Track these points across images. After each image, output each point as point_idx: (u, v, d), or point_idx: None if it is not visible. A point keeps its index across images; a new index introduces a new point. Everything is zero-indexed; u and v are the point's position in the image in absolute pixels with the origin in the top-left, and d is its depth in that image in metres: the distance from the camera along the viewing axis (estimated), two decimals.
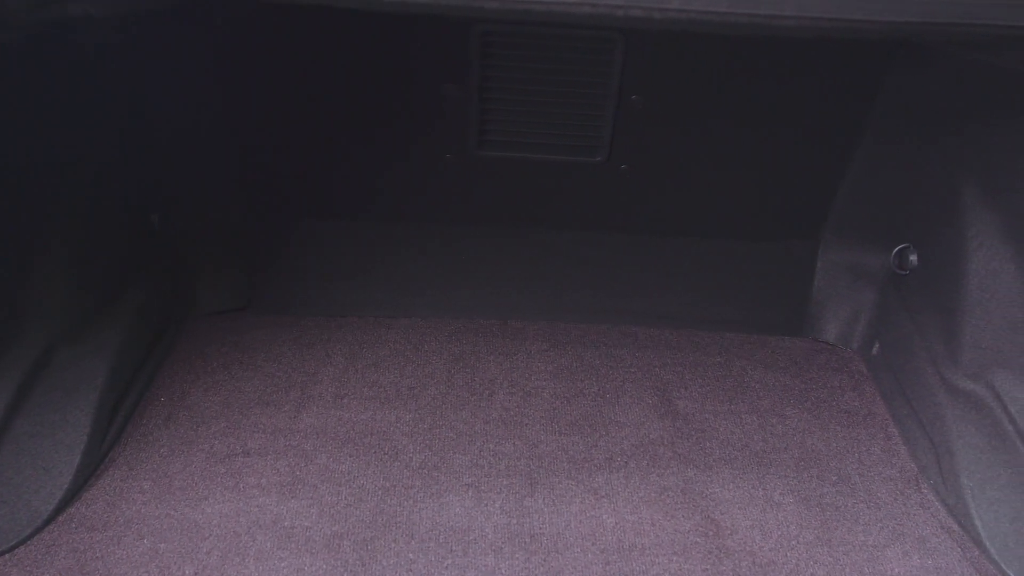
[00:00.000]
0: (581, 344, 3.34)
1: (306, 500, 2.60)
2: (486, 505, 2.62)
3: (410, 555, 2.44)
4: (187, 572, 2.37)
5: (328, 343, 3.27)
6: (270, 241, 3.45)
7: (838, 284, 3.49)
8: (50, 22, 2.12)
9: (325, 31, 2.89)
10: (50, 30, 2.34)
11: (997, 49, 2.32)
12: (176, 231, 3.31)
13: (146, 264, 3.16)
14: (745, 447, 2.92)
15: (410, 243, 3.46)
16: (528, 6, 1.72)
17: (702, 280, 3.52)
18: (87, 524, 2.50)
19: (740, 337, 3.46)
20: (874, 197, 3.31)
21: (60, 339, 2.76)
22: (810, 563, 2.52)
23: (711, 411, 3.06)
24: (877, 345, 3.35)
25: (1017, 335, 2.75)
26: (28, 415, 2.62)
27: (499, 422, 2.94)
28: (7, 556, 2.39)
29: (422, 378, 3.12)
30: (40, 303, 2.73)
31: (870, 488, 2.81)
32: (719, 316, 3.50)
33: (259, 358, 3.18)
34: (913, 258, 3.21)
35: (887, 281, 3.39)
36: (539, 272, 3.49)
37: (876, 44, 2.90)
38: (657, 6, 1.73)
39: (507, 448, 2.83)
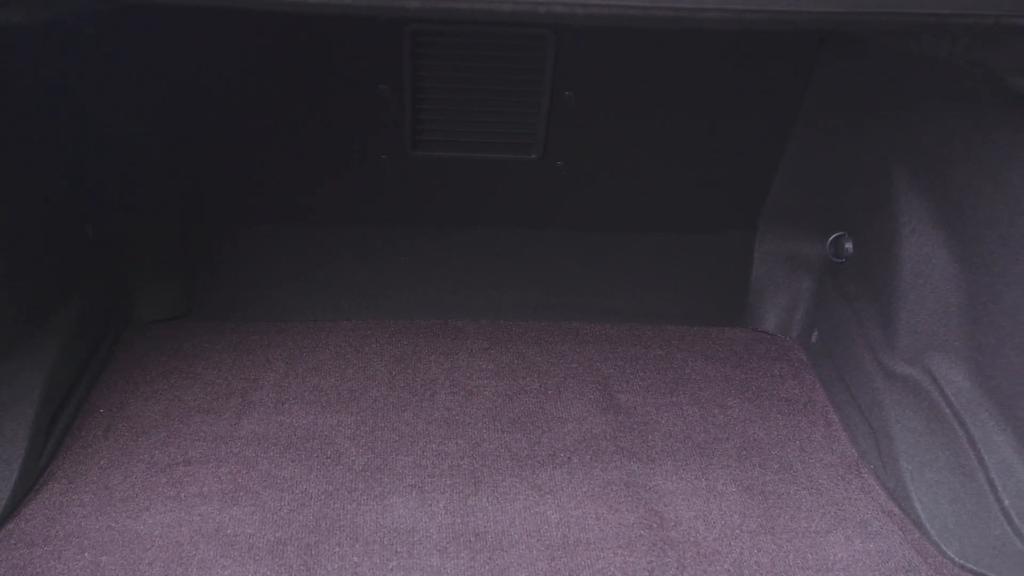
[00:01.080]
0: (522, 341, 3.35)
1: (248, 507, 2.58)
2: (430, 505, 2.61)
3: (354, 558, 2.43)
4: None
5: (268, 348, 3.25)
6: (208, 248, 3.42)
7: (776, 274, 3.52)
8: None
9: (256, 35, 2.87)
10: None
11: (919, 37, 2.34)
12: (112, 240, 3.28)
13: (81, 274, 3.12)
14: (687, 438, 2.93)
15: (349, 246, 3.45)
16: (450, 4, 1.72)
17: (642, 274, 3.53)
18: (27, 539, 2.47)
19: (681, 329, 3.48)
20: (809, 186, 3.34)
21: None
22: (754, 551, 2.53)
23: (653, 404, 3.07)
24: (816, 333, 3.38)
25: (951, 319, 2.78)
26: None
27: (441, 422, 2.93)
28: None
29: (363, 380, 3.11)
30: None
31: (811, 475, 2.83)
32: (659, 309, 3.51)
33: (199, 366, 3.15)
34: (849, 246, 3.24)
35: (824, 269, 3.41)
36: (479, 271, 3.48)
37: (806, 34, 2.93)
38: (579, 1, 1.73)
39: (450, 448, 2.83)
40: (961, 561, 2.54)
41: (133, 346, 3.23)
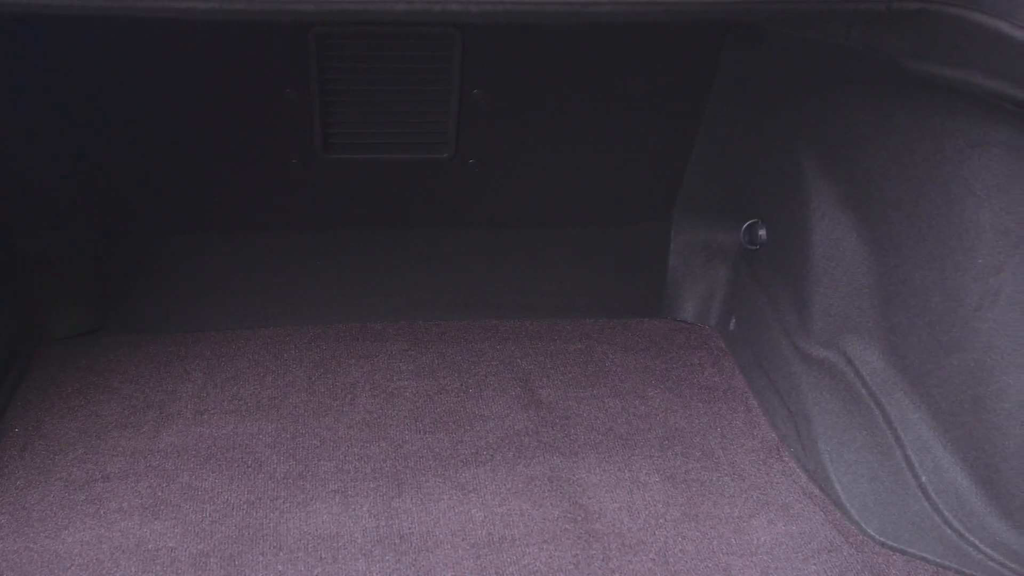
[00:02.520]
0: (442, 341, 3.34)
1: (169, 520, 2.55)
2: (354, 510, 2.60)
3: (279, 567, 2.42)
4: None
5: (186, 360, 3.21)
6: (121, 260, 3.38)
7: (692, 263, 3.55)
8: None
9: (160, 42, 2.84)
10: None
11: (815, 24, 2.38)
12: (21, 255, 3.22)
13: None
14: (609, 431, 2.94)
15: (264, 252, 3.42)
16: (344, 6, 1.71)
17: (559, 268, 3.54)
18: None
19: (600, 322, 3.49)
20: (721, 175, 3.37)
21: None
22: (678, 539, 2.55)
23: (574, 398, 3.08)
24: (733, 320, 3.41)
25: (863, 300, 2.82)
26: None
27: (363, 425, 2.92)
28: None
29: (283, 387, 3.08)
30: None
31: (733, 460, 2.86)
32: (578, 303, 3.53)
33: (115, 380, 3.10)
34: (762, 233, 3.27)
35: (739, 257, 3.45)
36: (396, 272, 3.47)
37: (709, 25, 2.95)
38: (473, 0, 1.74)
39: (372, 451, 2.82)
40: (881, 538, 2.58)
41: (47, 362, 3.18)
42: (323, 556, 2.45)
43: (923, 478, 2.63)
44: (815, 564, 2.50)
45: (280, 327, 3.38)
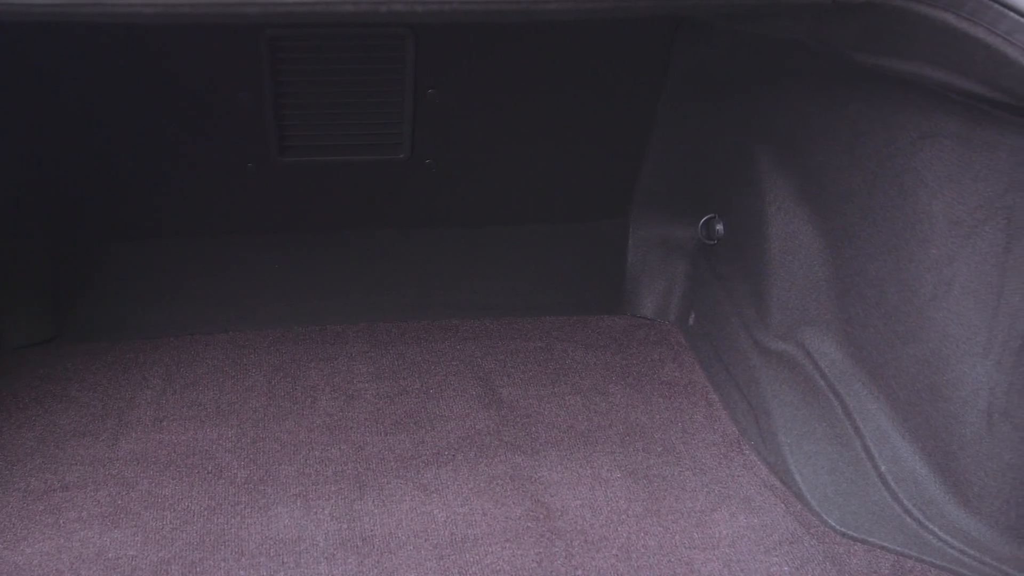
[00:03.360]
0: (402, 342, 3.34)
1: (130, 529, 2.53)
2: (315, 513, 2.59)
3: (240, 572, 2.40)
4: None
5: (144, 366, 3.19)
6: (76, 267, 3.35)
7: (651, 259, 3.56)
8: None
9: (112, 47, 2.82)
10: None
11: (764, 19, 2.39)
12: None
13: None
14: (570, 428, 2.95)
15: (222, 256, 3.40)
16: (290, 8, 1.71)
17: (519, 267, 3.54)
18: None
19: (560, 320, 3.50)
20: (678, 171, 3.38)
21: None
22: (641, 535, 2.56)
23: (535, 396, 3.08)
24: (693, 315, 3.42)
25: (820, 293, 2.84)
26: None
27: (323, 428, 2.91)
28: None
29: (242, 392, 3.07)
30: None
31: (695, 455, 2.87)
32: (538, 301, 3.53)
33: (72, 389, 3.08)
34: (719, 227, 3.29)
35: (697, 252, 3.46)
36: (355, 274, 3.46)
37: (661, 21, 2.96)
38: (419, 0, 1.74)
39: (333, 454, 2.81)
40: (842, 529, 2.60)
41: (3, 372, 3.15)
42: (285, 560, 2.44)
43: (882, 468, 2.65)
44: (777, 556, 2.52)
45: (239, 331, 3.37)
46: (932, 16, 1.98)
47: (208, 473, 2.73)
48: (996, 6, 1.91)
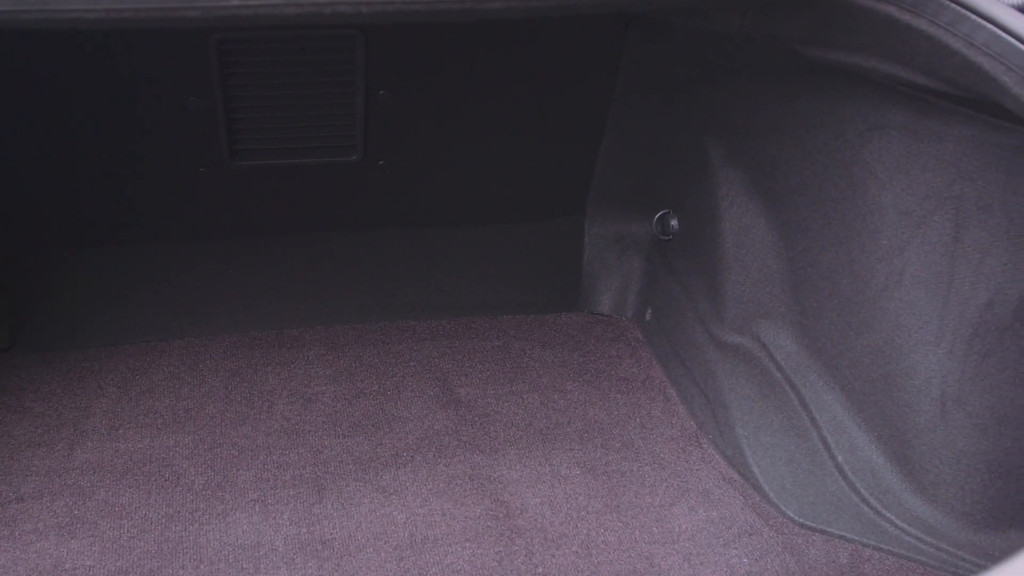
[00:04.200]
0: (359, 344, 3.32)
1: (87, 539, 2.51)
2: (274, 518, 2.58)
3: None
4: None
5: (99, 375, 3.16)
6: (29, 277, 3.32)
7: (607, 256, 3.56)
8: None
9: (62, 53, 2.79)
10: None
11: (709, 14, 2.40)
12: None
13: None
14: (529, 426, 2.95)
15: (176, 263, 3.37)
16: (234, 11, 1.70)
17: (475, 266, 3.54)
18: None
19: (517, 319, 3.49)
20: (632, 167, 3.39)
21: None
22: (600, 531, 2.56)
23: (493, 395, 3.08)
24: (649, 311, 3.43)
25: (774, 286, 2.85)
26: None
27: (281, 433, 2.90)
28: None
29: (199, 398, 3.05)
30: None
31: (653, 450, 2.88)
32: (495, 300, 3.53)
33: (27, 399, 3.05)
34: (674, 223, 3.30)
35: (653, 248, 3.47)
36: (311, 277, 3.45)
37: (610, 18, 2.97)
38: (364, 0, 1.73)
39: (291, 458, 2.80)
40: (800, 520, 2.62)
41: None
42: (244, 566, 2.43)
43: (839, 458, 2.66)
44: (736, 548, 2.53)
45: (195, 337, 3.34)
46: (875, 8, 2.00)
47: (165, 480, 2.71)
48: None
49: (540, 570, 2.43)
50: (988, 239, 2.28)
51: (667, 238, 3.34)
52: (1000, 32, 1.82)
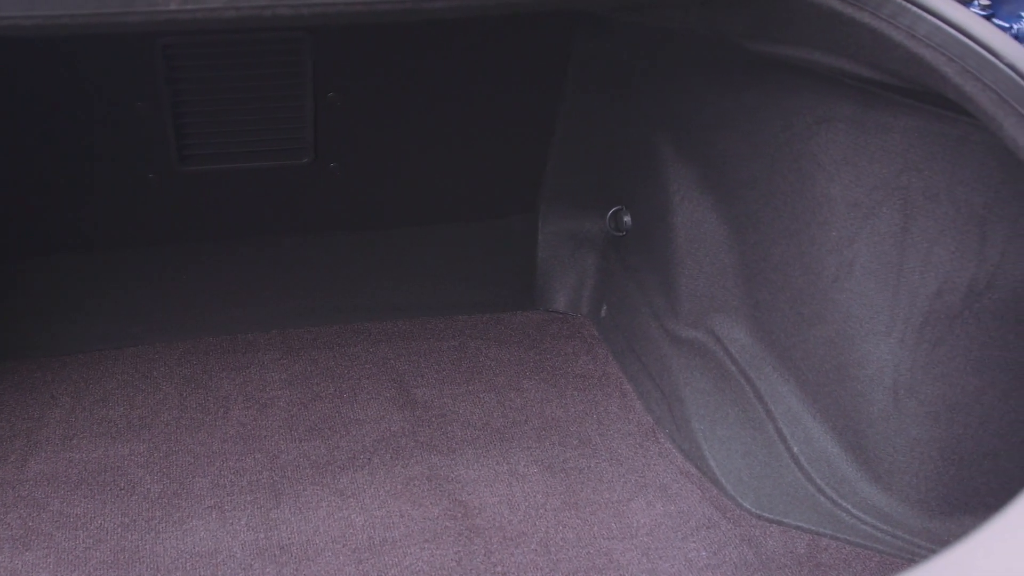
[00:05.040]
0: (314, 347, 3.31)
1: (41, 550, 2.49)
2: (231, 524, 2.56)
3: None
4: None
5: (52, 384, 3.13)
6: None
7: (561, 253, 3.56)
8: None
9: (6, 61, 2.76)
10: None
11: (653, 11, 2.41)
12: None
13: None
14: (486, 425, 2.95)
15: (128, 269, 3.35)
16: (172, 16, 1.69)
17: (429, 267, 3.53)
18: None
19: (473, 318, 3.49)
20: (584, 164, 3.39)
21: None
22: (559, 528, 2.57)
23: (449, 395, 3.08)
24: (605, 307, 3.44)
25: (727, 279, 2.87)
26: None
27: (237, 438, 2.88)
28: None
29: (153, 406, 3.02)
30: None
31: (610, 446, 2.88)
32: (450, 300, 3.52)
33: None
34: (627, 219, 3.31)
35: (607, 244, 3.48)
36: (265, 281, 3.43)
37: (558, 16, 2.97)
38: (304, 3, 1.72)
39: (248, 463, 2.78)
40: (758, 511, 2.63)
41: None
42: (202, 574, 2.41)
43: (795, 449, 2.68)
44: (694, 542, 2.54)
45: (148, 345, 3.31)
46: (817, 2, 2.01)
47: (120, 490, 2.69)
48: None
49: (499, 569, 2.43)
50: (936, 228, 2.30)
51: (621, 234, 3.35)
52: (941, 23, 1.84)
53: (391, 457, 2.81)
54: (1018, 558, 1.07)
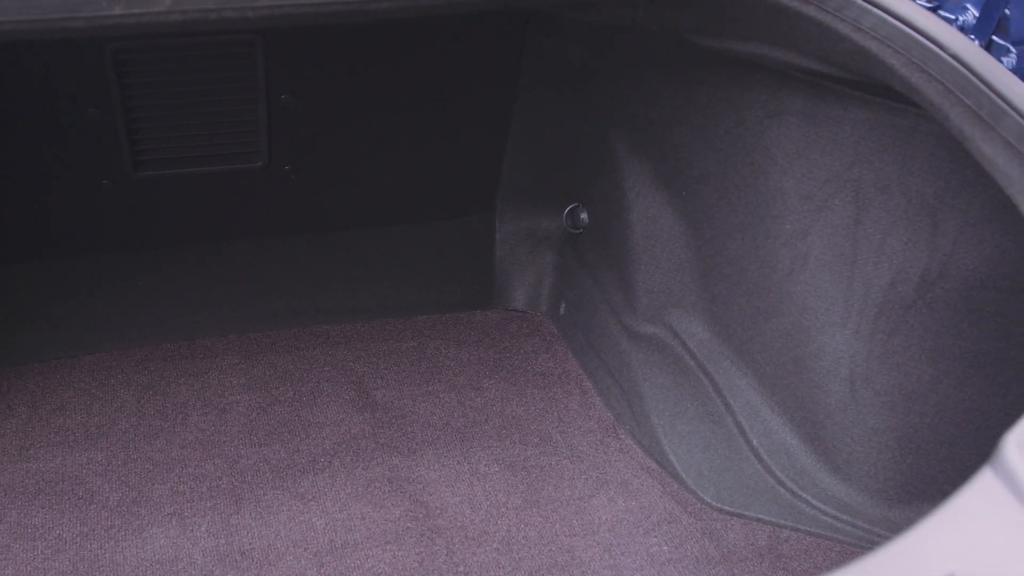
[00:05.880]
0: (273, 351, 3.29)
1: None
2: (192, 531, 2.55)
3: None
4: None
5: (8, 394, 3.10)
6: None
7: (519, 252, 3.56)
8: None
9: None
10: None
11: (602, 8, 2.41)
12: None
13: None
14: (446, 425, 2.95)
15: (83, 277, 3.32)
16: (116, 20, 1.68)
17: (387, 268, 3.52)
18: None
19: (432, 318, 3.49)
20: (540, 162, 3.40)
21: None
22: (521, 526, 2.57)
23: (409, 396, 3.07)
24: (563, 305, 3.44)
25: (684, 274, 2.88)
26: None
27: (196, 444, 2.87)
28: None
29: (111, 414, 3.00)
30: None
31: (571, 443, 2.89)
32: (408, 301, 3.51)
33: None
34: (584, 216, 3.31)
35: (564, 242, 3.48)
36: (222, 286, 3.41)
37: (509, 14, 2.97)
38: (249, 4, 1.72)
39: (207, 469, 2.77)
40: (719, 505, 2.64)
41: None
42: None
43: (754, 442, 2.70)
44: (656, 536, 2.55)
45: (106, 352, 3.29)
46: None
47: (79, 499, 2.67)
48: None
49: (461, 569, 2.43)
50: (888, 219, 2.32)
51: (578, 232, 3.36)
52: (886, 16, 1.85)
53: (351, 459, 2.80)
54: (966, 543, 1.08)
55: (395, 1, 1.74)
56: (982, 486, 1.14)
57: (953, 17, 2.79)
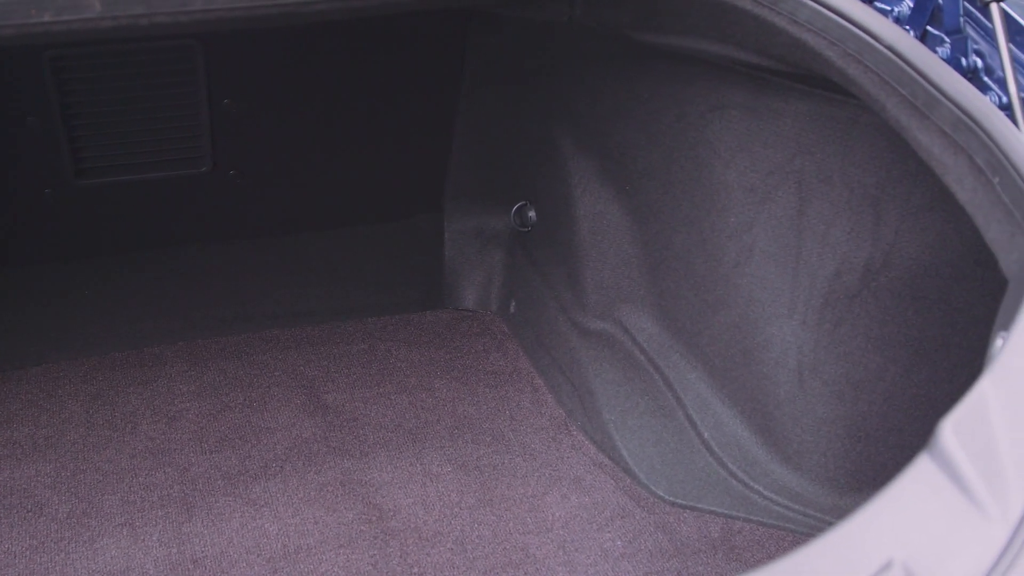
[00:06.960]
0: (222, 357, 3.27)
1: None
2: (143, 540, 2.53)
3: None
4: None
5: None
6: None
7: (468, 251, 3.56)
8: None
9: None
10: None
11: (540, 5, 2.42)
12: None
13: None
14: (398, 427, 2.94)
15: (28, 287, 3.28)
16: (47, 27, 1.66)
17: (336, 270, 3.50)
18: None
19: (382, 320, 3.47)
20: (486, 161, 3.39)
21: None
22: (475, 526, 2.57)
23: (360, 399, 3.06)
24: (513, 303, 3.44)
25: (632, 270, 2.89)
26: None
27: (146, 453, 2.84)
28: None
29: (59, 424, 2.97)
30: None
31: (524, 441, 2.89)
32: (358, 303, 3.50)
33: None
34: (532, 214, 3.31)
35: (513, 240, 3.48)
36: (169, 292, 3.38)
37: (450, 13, 2.97)
38: (180, 9, 1.70)
39: (157, 478, 2.74)
40: (671, 498, 2.65)
41: None
42: None
43: (706, 435, 2.71)
44: (610, 532, 2.56)
45: (53, 363, 3.25)
46: None
47: (28, 512, 2.64)
48: None
49: (416, 570, 2.43)
50: (831, 210, 2.33)
51: (526, 229, 3.36)
52: (821, 8, 1.87)
53: (303, 464, 2.79)
54: (905, 529, 1.09)
55: (329, 3, 1.74)
56: (920, 472, 1.15)
57: (888, 8, 2.81)
